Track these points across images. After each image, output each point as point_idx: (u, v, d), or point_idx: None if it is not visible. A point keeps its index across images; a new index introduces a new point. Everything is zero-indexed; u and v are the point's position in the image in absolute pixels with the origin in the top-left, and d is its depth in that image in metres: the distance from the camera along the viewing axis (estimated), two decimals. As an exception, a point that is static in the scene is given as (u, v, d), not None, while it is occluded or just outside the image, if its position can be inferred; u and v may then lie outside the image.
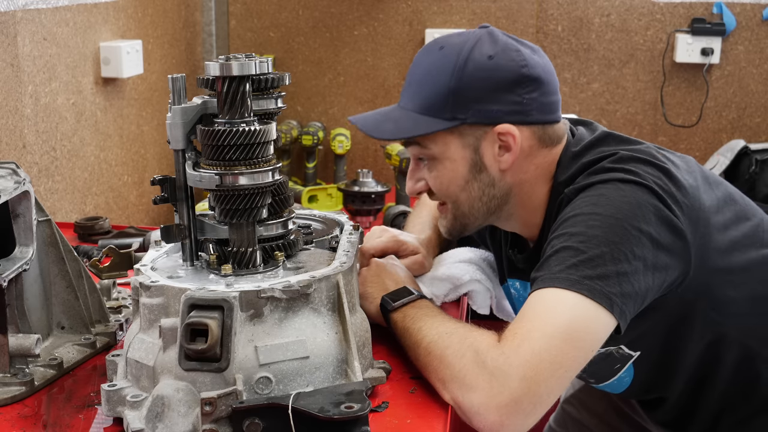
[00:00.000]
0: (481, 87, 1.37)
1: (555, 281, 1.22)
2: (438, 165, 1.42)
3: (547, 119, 1.41)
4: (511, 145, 1.39)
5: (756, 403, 1.47)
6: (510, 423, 1.14)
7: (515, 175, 1.42)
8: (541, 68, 1.39)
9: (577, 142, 1.45)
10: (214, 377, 1.06)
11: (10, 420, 1.16)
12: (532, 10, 3.41)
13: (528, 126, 1.39)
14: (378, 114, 1.46)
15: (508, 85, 1.37)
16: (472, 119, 1.37)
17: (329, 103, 3.60)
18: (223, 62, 1.17)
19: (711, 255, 1.36)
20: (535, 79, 1.38)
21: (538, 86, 1.38)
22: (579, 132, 1.49)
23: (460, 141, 1.39)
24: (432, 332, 1.25)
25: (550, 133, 1.42)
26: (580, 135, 1.48)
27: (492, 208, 1.45)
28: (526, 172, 1.42)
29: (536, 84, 1.38)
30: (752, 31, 3.33)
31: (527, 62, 1.38)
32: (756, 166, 3.09)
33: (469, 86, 1.37)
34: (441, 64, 1.39)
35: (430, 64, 1.41)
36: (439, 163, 1.42)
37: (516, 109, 1.38)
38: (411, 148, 1.44)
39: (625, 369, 1.48)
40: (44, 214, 1.34)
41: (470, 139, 1.39)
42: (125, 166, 2.93)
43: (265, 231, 1.24)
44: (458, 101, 1.37)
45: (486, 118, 1.38)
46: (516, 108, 1.38)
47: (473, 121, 1.37)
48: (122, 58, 2.70)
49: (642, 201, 1.29)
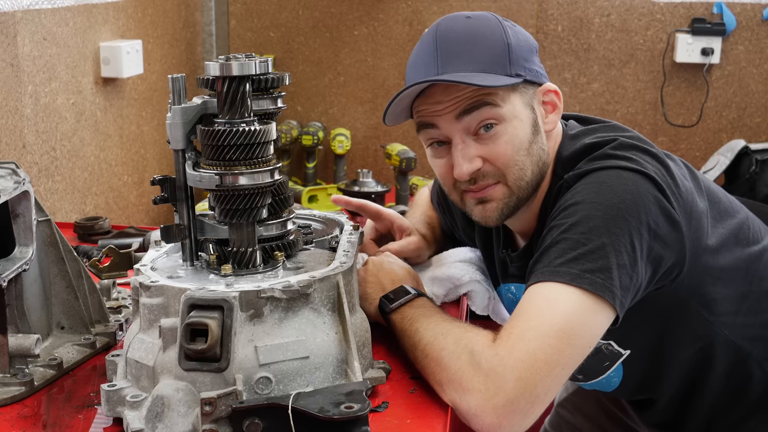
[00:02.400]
0: (524, 47, 1.38)
1: (555, 275, 1.21)
2: (508, 127, 1.35)
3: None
4: (557, 103, 1.41)
5: (748, 404, 1.46)
6: (507, 423, 1.14)
7: (549, 142, 1.42)
8: None
9: (572, 128, 1.46)
10: (214, 377, 1.06)
11: (10, 420, 1.16)
12: (532, 10, 3.41)
13: None
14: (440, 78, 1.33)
15: (534, 50, 1.41)
16: (529, 76, 1.37)
17: (329, 103, 3.60)
18: (223, 62, 1.17)
19: (702, 251, 1.35)
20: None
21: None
22: (570, 123, 1.50)
23: (521, 99, 1.37)
24: (428, 334, 1.24)
25: None
26: (572, 124, 1.49)
27: (537, 183, 1.40)
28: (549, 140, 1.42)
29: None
30: (752, 31, 3.33)
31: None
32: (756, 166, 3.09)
33: (518, 45, 1.37)
34: (487, 26, 1.37)
35: (475, 28, 1.37)
36: (509, 124, 1.35)
37: (543, 73, 1.41)
38: (475, 114, 1.33)
39: (614, 368, 1.47)
40: (44, 214, 1.34)
41: (527, 97, 1.38)
42: (125, 166, 2.93)
43: (265, 231, 1.24)
44: (515, 58, 1.35)
45: (536, 76, 1.39)
46: (543, 72, 1.41)
47: (530, 78, 1.37)
48: (122, 58, 2.70)
49: (643, 190, 1.28)
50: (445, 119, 1.35)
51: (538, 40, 3.41)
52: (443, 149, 1.39)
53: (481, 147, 1.35)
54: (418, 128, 1.40)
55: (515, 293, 1.56)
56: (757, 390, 1.45)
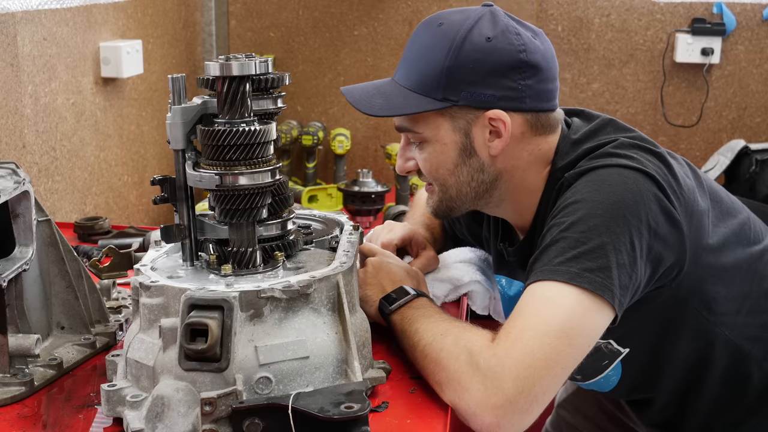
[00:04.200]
0: (475, 70, 1.32)
1: (555, 274, 1.21)
2: (428, 147, 1.38)
3: (542, 107, 1.37)
4: (502, 132, 1.35)
5: (747, 404, 1.46)
6: (506, 423, 1.14)
7: (506, 161, 1.39)
8: (540, 54, 1.35)
9: (576, 131, 1.42)
10: (214, 377, 1.06)
11: (10, 420, 1.16)
12: (532, 10, 3.41)
13: (521, 113, 1.35)
14: (370, 86, 1.42)
15: (503, 70, 1.32)
16: (463, 102, 1.33)
17: (329, 103, 3.60)
18: (223, 62, 1.17)
19: (703, 250, 1.35)
20: (533, 65, 1.33)
21: (536, 73, 1.34)
22: (574, 122, 1.45)
23: (450, 124, 1.36)
24: (427, 334, 1.24)
25: (543, 121, 1.38)
26: (576, 124, 1.44)
27: (480, 193, 1.41)
28: (518, 158, 1.39)
29: (533, 70, 1.33)
30: (752, 31, 3.33)
31: (526, 47, 1.33)
32: (756, 166, 3.09)
33: (463, 68, 1.32)
34: (438, 42, 1.35)
35: (428, 41, 1.36)
36: (430, 145, 1.38)
37: (510, 95, 1.33)
38: (403, 131, 1.41)
39: (612, 367, 1.46)
40: (44, 214, 1.34)
41: (461, 122, 1.35)
42: (125, 166, 2.93)
43: (265, 231, 1.24)
44: (451, 82, 1.33)
45: (478, 102, 1.33)
46: (510, 94, 1.33)
47: (465, 103, 1.34)
48: (122, 58, 2.70)
49: (644, 189, 1.27)
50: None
51: (538, 40, 3.41)
52: None
53: (416, 152, 1.42)
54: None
55: (505, 287, 1.57)
56: (756, 390, 1.45)
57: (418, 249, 1.61)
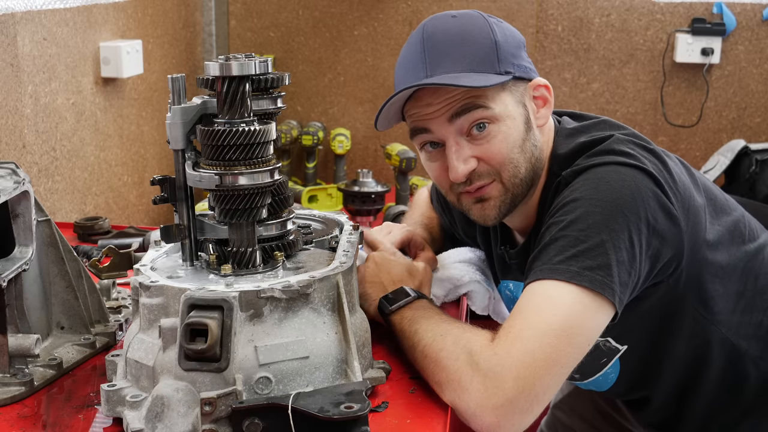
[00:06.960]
0: (512, 43, 1.37)
1: (555, 273, 1.21)
2: (501, 126, 1.34)
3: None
4: (548, 97, 1.40)
5: (744, 404, 1.46)
6: (506, 423, 1.14)
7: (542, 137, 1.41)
8: None
9: (569, 124, 1.45)
10: (214, 377, 1.06)
11: (10, 420, 1.16)
12: (532, 10, 3.41)
13: None
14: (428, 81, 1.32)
15: (521, 45, 1.40)
16: (518, 73, 1.36)
17: (329, 103, 3.60)
18: (223, 62, 1.17)
19: (700, 247, 1.35)
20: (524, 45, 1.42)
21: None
22: (564, 119, 1.48)
23: (512, 97, 1.36)
24: (427, 335, 1.24)
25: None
26: (567, 120, 1.48)
27: (534, 178, 1.39)
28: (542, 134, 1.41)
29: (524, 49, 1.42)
30: (752, 31, 3.33)
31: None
32: (756, 166, 3.09)
33: (505, 42, 1.36)
34: (474, 24, 1.37)
35: (459, 28, 1.36)
36: (502, 123, 1.34)
37: (531, 67, 1.40)
38: (466, 116, 1.32)
39: (611, 364, 1.47)
40: (44, 214, 1.34)
41: (518, 95, 1.37)
42: (125, 166, 2.93)
43: (264, 231, 1.24)
44: (503, 56, 1.35)
45: (524, 72, 1.38)
46: (531, 66, 1.40)
47: (519, 74, 1.36)
48: (122, 58, 2.70)
49: (641, 186, 1.28)
50: (437, 122, 1.35)
51: (538, 40, 3.42)
52: (437, 152, 1.39)
53: (475, 147, 1.35)
54: (412, 134, 1.40)
55: (513, 291, 1.57)
56: (753, 389, 1.45)
57: (417, 250, 1.61)
